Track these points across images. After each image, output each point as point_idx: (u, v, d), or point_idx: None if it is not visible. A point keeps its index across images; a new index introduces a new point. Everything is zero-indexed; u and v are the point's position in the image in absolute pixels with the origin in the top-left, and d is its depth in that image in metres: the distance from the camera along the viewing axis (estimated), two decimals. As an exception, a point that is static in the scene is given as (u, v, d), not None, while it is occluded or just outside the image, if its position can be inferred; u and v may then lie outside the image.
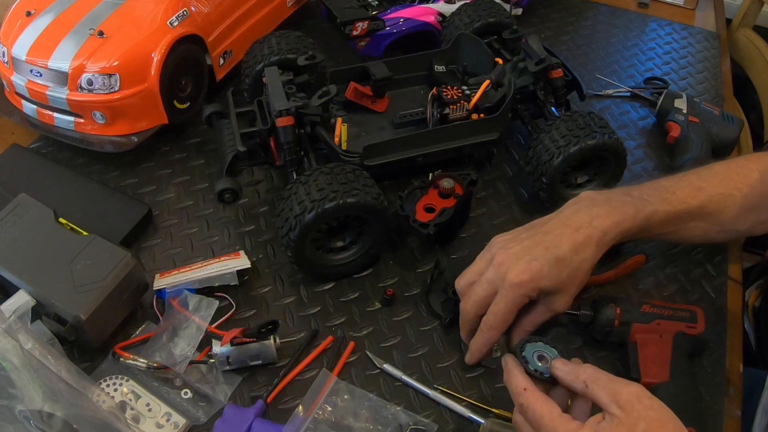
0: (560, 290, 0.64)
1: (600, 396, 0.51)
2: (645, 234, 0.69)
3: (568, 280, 0.63)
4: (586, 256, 0.64)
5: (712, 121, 0.93)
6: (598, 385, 0.51)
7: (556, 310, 0.65)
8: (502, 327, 0.64)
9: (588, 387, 0.52)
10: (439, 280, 0.76)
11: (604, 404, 0.50)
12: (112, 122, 0.85)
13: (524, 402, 0.53)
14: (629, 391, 0.50)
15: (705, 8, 1.27)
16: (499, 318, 0.63)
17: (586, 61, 1.10)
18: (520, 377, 0.55)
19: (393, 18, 1.01)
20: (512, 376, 0.55)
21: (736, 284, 0.80)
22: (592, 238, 0.64)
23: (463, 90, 0.84)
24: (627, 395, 0.49)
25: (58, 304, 0.65)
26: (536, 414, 0.52)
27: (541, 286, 0.62)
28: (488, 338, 0.64)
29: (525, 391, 0.54)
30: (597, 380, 0.52)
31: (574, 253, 0.63)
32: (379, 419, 0.65)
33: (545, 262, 0.62)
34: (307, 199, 0.69)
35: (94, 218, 0.78)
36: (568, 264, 0.63)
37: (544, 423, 0.51)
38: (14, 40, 0.84)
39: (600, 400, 0.51)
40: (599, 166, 0.83)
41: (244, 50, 0.93)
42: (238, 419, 0.63)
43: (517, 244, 0.65)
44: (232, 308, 0.74)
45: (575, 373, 0.53)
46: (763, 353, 0.96)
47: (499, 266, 0.63)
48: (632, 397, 0.49)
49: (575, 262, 0.63)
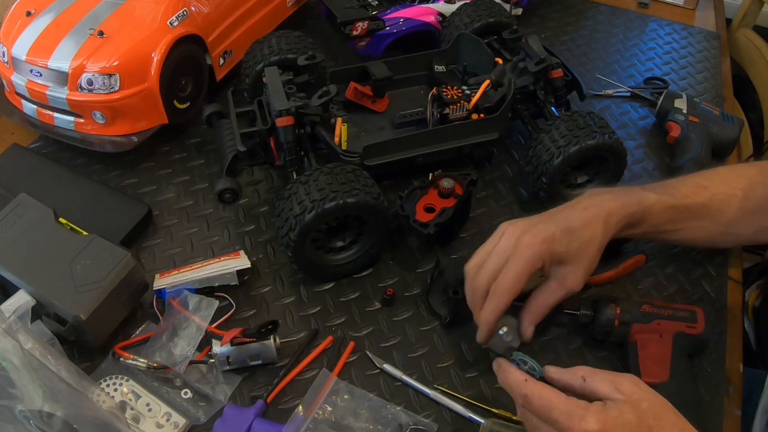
0: (572, 261, 0.64)
1: (600, 387, 0.52)
2: (649, 227, 0.70)
3: (579, 251, 0.64)
4: (595, 231, 0.65)
5: (712, 121, 0.94)
6: (597, 377, 0.53)
7: (569, 287, 0.65)
8: (512, 290, 0.62)
9: (587, 381, 0.53)
10: (439, 280, 0.76)
11: (604, 393, 0.52)
12: (112, 122, 0.85)
13: (528, 392, 0.54)
14: (628, 379, 0.52)
15: (705, 8, 1.27)
16: (510, 279, 0.62)
17: (586, 61, 1.11)
18: (518, 372, 0.56)
19: (393, 18, 1.01)
20: (509, 372, 0.56)
21: (736, 284, 0.80)
22: (600, 217, 0.65)
23: (463, 90, 0.84)
24: (626, 383, 0.52)
25: (58, 304, 0.65)
26: (543, 400, 0.52)
27: (554, 250, 0.63)
28: (498, 304, 0.63)
29: (526, 381, 0.54)
30: (595, 374, 0.53)
31: (584, 227, 0.65)
32: (379, 419, 0.65)
33: (557, 229, 0.64)
34: (307, 199, 0.69)
35: (94, 218, 0.78)
36: (578, 236, 0.64)
37: (554, 405, 0.51)
38: (14, 40, 0.84)
39: (600, 390, 0.52)
40: (599, 166, 0.83)
41: (244, 50, 0.93)
42: (238, 419, 0.63)
43: (527, 220, 0.66)
44: (232, 308, 0.74)
45: (571, 371, 0.55)
46: (763, 353, 0.96)
47: (511, 235, 0.64)
48: (631, 384, 0.52)
49: (585, 236, 0.64)
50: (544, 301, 0.65)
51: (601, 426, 0.49)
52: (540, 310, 0.65)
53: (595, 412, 0.50)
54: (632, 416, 0.49)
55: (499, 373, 0.57)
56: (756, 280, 1.04)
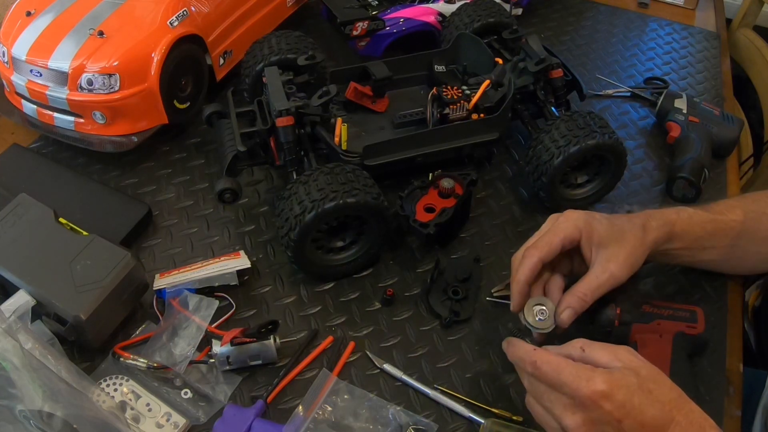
0: (612, 243, 0.66)
1: (599, 355, 0.55)
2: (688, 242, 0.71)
3: (619, 235, 0.66)
4: (634, 225, 0.67)
5: (712, 121, 0.94)
6: (595, 347, 0.56)
7: (613, 271, 0.65)
8: (543, 249, 0.65)
9: (586, 351, 0.56)
10: (439, 280, 0.76)
11: (604, 362, 0.54)
12: (112, 122, 0.85)
13: (537, 358, 0.56)
14: (625, 349, 0.55)
15: (705, 8, 1.27)
16: (544, 240, 0.66)
17: (586, 61, 1.10)
18: (526, 344, 0.58)
19: (393, 18, 1.01)
20: (518, 345, 0.58)
21: (736, 284, 0.80)
22: (639, 217, 0.69)
23: (463, 90, 0.84)
24: (624, 352, 0.55)
25: (58, 304, 0.65)
26: (552, 365, 0.54)
27: (592, 227, 0.66)
28: (528, 261, 0.65)
29: (535, 350, 0.56)
30: (593, 344, 0.56)
31: (625, 220, 0.68)
32: (379, 419, 0.65)
33: (598, 214, 0.68)
34: (307, 199, 0.69)
35: (94, 218, 0.78)
36: (618, 223, 0.67)
37: (563, 369, 0.54)
38: (14, 40, 0.84)
39: (600, 359, 0.55)
40: (599, 166, 0.83)
41: (244, 50, 0.93)
42: (238, 419, 0.63)
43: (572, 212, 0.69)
44: (232, 308, 0.74)
45: (570, 344, 0.57)
46: (763, 353, 0.96)
47: (556, 215, 0.68)
48: (629, 354, 0.55)
49: (626, 228, 0.67)
50: (588, 284, 0.65)
51: (608, 386, 0.52)
52: (582, 294, 0.65)
53: (602, 373, 0.52)
54: (634, 379, 0.52)
55: (509, 348, 0.60)
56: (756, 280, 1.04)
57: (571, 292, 0.65)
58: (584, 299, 0.65)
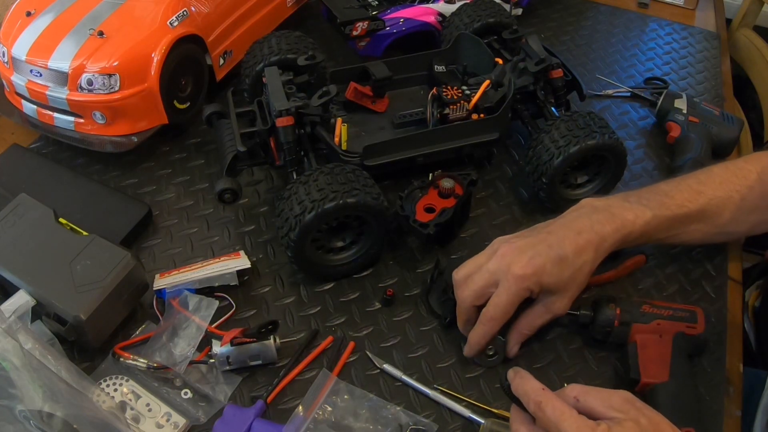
0: (560, 290, 0.66)
1: (594, 405, 0.53)
2: (644, 239, 0.71)
3: (569, 280, 0.66)
4: (586, 259, 0.66)
5: (712, 121, 0.93)
6: (589, 396, 0.53)
7: (555, 312, 0.68)
8: (502, 319, 0.66)
9: (580, 401, 0.53)
10: (439, 280, 0.76)
11: (599, 412, 0.52)
12: (112, 122, 0.85)
13: (543, 399, 0.54)
14: (620, 396, 0.53)
15: (705, 8, 1.27)
16: (500, 309, 0.65)
17: (586, 61, 1.10)
18: (534, 380, 0.56)
19: (393, 18, 1.01)
20: (527, 380, 0.56)
21: (736, 284, 0.80)
22: (592, 243, 0.67)
23: (463, 90, 0.84)
24: (619, 399, 0.52)
25: (58, 304, 0.65)
26: (556, 410, 0.53)
27: (543, 282, 0.65)
28: (488, 330, 0.67)
29: (543, 390, 0.54)
30: (587, 393, 0.54)
31: (576, 255, 0.66)
32: (379, 419, 0.65)
33: (548, 259, 0.65)
34: (307, 199, 0.69)
35: (94, 218, 0.78)
36: (569, 264, 0.65)
37: (566, 418, 0.52)
38: (14, 40, 0.84)
39: (595, 408, 0.53)
40: (599, 166, 0.83)
41: (244, 50, 0.93)
42: (238, 419, 0.63)
43: (521, 239, 0.67)
44: (232, 308, 0.74)
45: (563, 393, 0.55)
46: (763, 353, 0.96)
47: (503, 257, 0.66)
48: (624, 401, 0.52)
49: (576, 264, 0.66)
50: (530, 323, 0.69)
51: None
52: (526, 330, 0.69)
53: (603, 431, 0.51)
54: None
55: (516, 379, 0.57)
56: (756, 280, 1.04)
57: (516, 330, 0.69)
58: (527, 335, 0.69)
